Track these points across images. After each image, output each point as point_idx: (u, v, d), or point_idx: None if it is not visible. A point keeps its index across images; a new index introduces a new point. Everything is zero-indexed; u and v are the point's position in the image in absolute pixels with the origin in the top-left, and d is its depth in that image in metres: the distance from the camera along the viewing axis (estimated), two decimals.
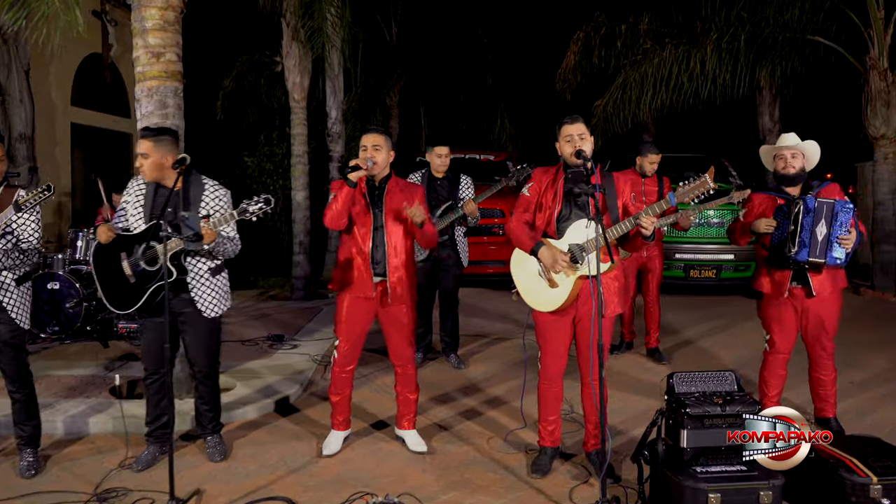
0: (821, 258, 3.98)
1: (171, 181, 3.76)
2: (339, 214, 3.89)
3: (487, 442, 4.27)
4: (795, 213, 4.04)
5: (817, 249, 3.98)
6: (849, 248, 3.98)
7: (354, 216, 3.97)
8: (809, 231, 3.99)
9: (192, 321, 3.92)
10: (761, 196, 4.37)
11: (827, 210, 3.97)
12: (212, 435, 4.13)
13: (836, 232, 3.95)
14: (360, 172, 3.83)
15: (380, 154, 3.94)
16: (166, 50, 4.78)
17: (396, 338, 4.11)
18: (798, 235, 4.00)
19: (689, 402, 3.30)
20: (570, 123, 3.67)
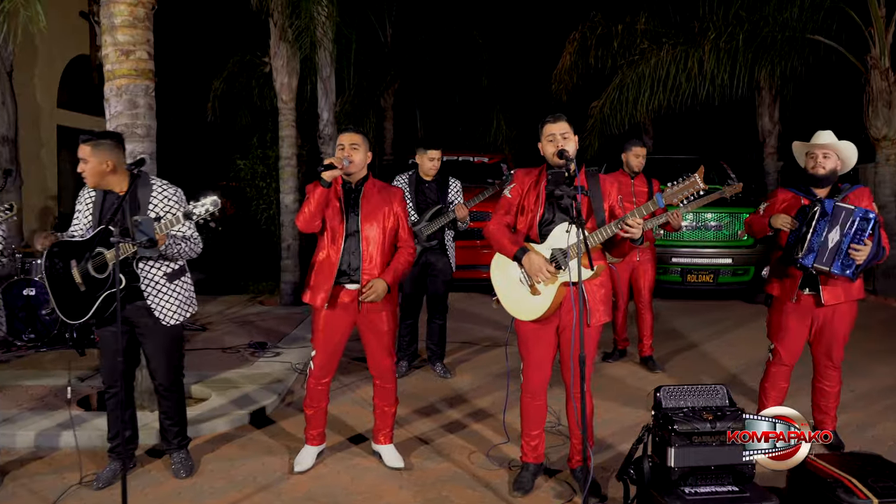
0: (826, 266, 3.76)
1: (118, 186, 3.63)
2: (312, 216, 3.69)
3: (469, 457, 4.07)
4: (811, 215, 3.82)
5: (825, 256, 3.76)
6: (860, 260, 3.73)
7: (328, 220, 3.76)
8: (821, 236, 3.77)
9: (151, 331, 3.73)
10: (787, 193, 4.13)
11: (845, 216, 3.74)
12: (177, 450, 3.93)
13: (848, 241, 3.71)
14: (335, 172, 3.63)
15: (357, 154, 3.74)
16: (136, 47, 4.60)
17: (375, 348, 3.89)
18: (808, 239, 3.79)
19: (676, 418, 3.10)
20: (553, 122, 3.48)
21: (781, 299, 4.08)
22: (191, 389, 5.21)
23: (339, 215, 3.76)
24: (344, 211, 3.77)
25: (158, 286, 3.70)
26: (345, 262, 3.75)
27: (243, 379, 5.41)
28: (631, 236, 3.22)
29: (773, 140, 12.21)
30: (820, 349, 4.11)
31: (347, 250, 3.75)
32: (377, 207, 3.80)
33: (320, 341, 3.84)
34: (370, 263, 3.76)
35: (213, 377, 5.44)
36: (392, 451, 3.99)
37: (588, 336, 3.46)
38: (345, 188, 3.82)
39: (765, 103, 12.16)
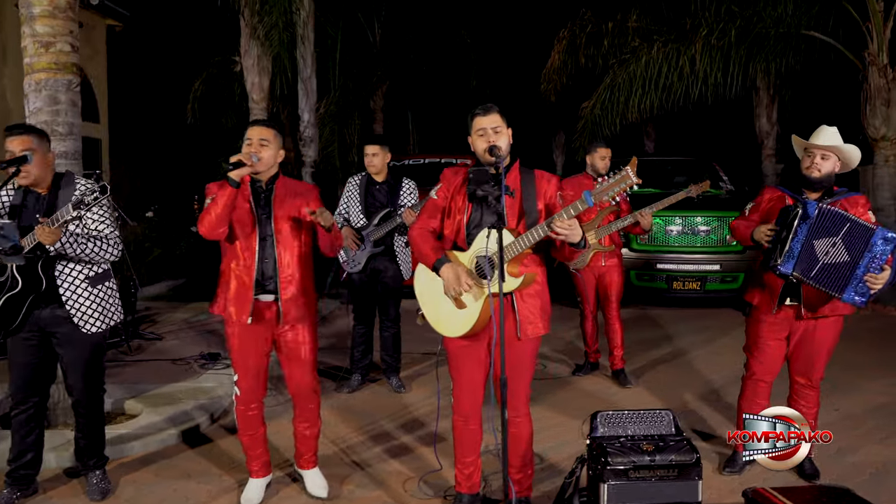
0: (804, 277, 3.37)
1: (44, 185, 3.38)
2: (219, 221, 3.26)
3: (404, 485, 3.71)
4: (791, 217, 3.41)
5: (812, 270, 3.35)
6: (876, 288, 3.31)
7: (236, 224, 3.36)
8: (802, 242, 3.37)
9: (69, 339, 3.43)
10: (774, 191, 3.76)
11: (852, 232, 3.29)
12: (93, 472, 3.61)
13: (865, 266, 3.26)
14: (243, 170, 3.23)
15: (266, 150, 3.34)
16: (57, 39, 4.28)
17: (294, 366, 3.49)
18: (788, 243, 3.39)
19: (612, 448, 2.74)
20: (483, 115, 3.15)
21: (760, 309, 3.71)
22: (124, 405, 4.90)
23: (251, 218, 3.37)
24: (254, 213, 3.38)
25: (79, 291, 3.40)
26: (259, 270, 3.37)
27: (184, 393, 5.07)
28: (565, 239, 2.86)
29: (772, 142, 11.81)
30: (798, 367, 3.74)
31: (262, 257, 3.37)
32: (292, 208, 3.41)
33: (239, 364, 3.46)
34: (287, 271, 3.39)
35: (152, 391, 5.11)
36: (316, 476, 3.63)
37: (521, 351, 3.11)
38: (254, 187, 3.43)
39: (762, 104, 11.79)
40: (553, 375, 5.73)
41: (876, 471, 3.87)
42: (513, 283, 2.96)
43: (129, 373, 5.69)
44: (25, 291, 3.27)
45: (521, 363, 3.14)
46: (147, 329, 7.38)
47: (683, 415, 4.76)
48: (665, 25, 10.66)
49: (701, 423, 4.60)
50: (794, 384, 3.80)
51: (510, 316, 3.08)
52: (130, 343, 6.55)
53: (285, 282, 3.39)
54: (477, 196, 2.93)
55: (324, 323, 7.73)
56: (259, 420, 3.55)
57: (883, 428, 4.49)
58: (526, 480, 3.28)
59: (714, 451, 4.12)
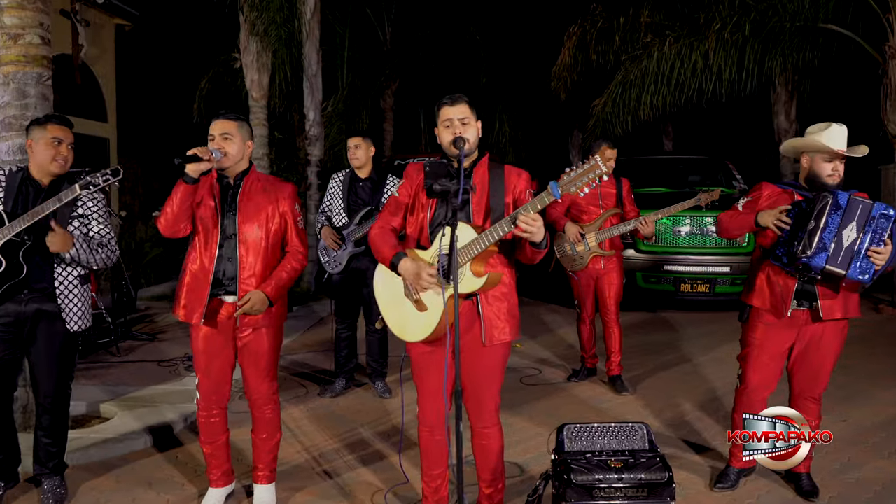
0: (842, 269, 3.13)
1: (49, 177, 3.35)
2: (175, 218, 3.14)
3: (372, 498, 3.51)
4: (821, 207, 3.14)
5: (839, 257, 3.12)
6: (880, 264, 3.13)
7: (201, 220, 3.22)
8: (834, 233, 3.12)
9: (48, 335, 3.33)
10: (773, 188, 3.47)
11: (862, 211, 3.12)
12: (51, 476, 3.47)
13: (868, 241, 3.10)
14: (201, 165, 3.06)
15: (230, 144, 3.20)
16: (26, 31, 4.14)
17: (251, 370, 3.32)
18: (818, 235, 3.11)
19: (576, 465, 2.52)
20: (450, 105, 2.96)
21: (766, 312, 3.43)
22: (99, 408, 4.76)
23: (214, 216, 3.22)
24: (219, 211, 3.23)
25: (71, 288, 3.35)
26: (220, 270, 3.22)
27: (161, 396, 4.94)
28: (528, 237, 2.64)
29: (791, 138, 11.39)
30: (801, 378, 3.48)
31: (223, 256, 3.22)
32: (259, 207, 3.25)
33: (201, 365, 3.31)
34: (249, 272, 3.22)
35: (131, 393, 4.98)
36: (266, 493, 3.43)
37: (488, 358, 2.90)
38: (222, 184, 3.28)
39: (780, 100, 11.41)
40: (545, 381, 5.50)
41: (882, 488, 3.59)
42: (476, 282, 2.75)
43: (112, 374, 5.57)
44: (6, 275, 3.17)
45: (489, 371, 2.93)
46: (141, 330, 7.28)
47: (678, 425, 4.53)
48: (678, 20, 10.34)
49: (695, 435, 4.35)
50: (795, 397, 3.54)
51: (475, 320, 2.87)
52: (120, 344, 6.45)
53: (245, 284, 3.22)
54: (434, 190, 2.72)
55: (320, 325, 7.58)
56: (221, 427, 3.38)
57: (892, 442, 4.20)
58: (497, 495, 3.06)
59: (708, 465, 3.88)
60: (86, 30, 10.97)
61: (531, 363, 6.03)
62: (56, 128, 3.32)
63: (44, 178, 3.33)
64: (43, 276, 3.27)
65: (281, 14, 8.08)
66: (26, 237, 3.19)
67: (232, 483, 3.49)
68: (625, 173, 9.23)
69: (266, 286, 3.21)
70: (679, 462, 3.91)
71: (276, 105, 11.00)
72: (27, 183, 3.32)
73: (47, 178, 3.33)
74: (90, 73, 11.51)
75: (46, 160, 3.27)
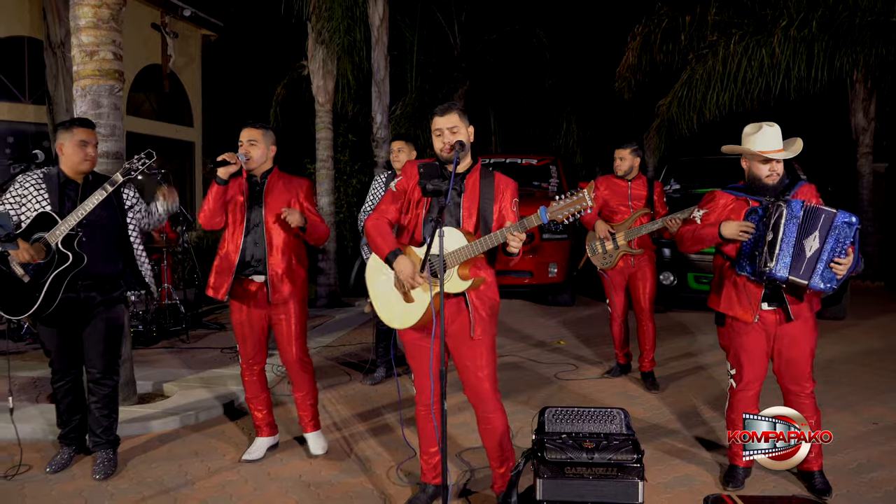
0: (804, 279, 3.21)
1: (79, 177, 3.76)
2: (212, 213, 3.73)
3: (387, 472, 3.79)
4: (777, 218, 3.24)
5: (801, 268, 3.20)
6: (841, 273, 3.19)
7: (230, 214, 3.78)
8: (793, 242, 3.21)
9: (104, 316, 3.77)
10: (727, 196, 3.56)
11: (825, 221, 3.18)
12: (104, 448, 3.86)
13: (830, 252, 3.17)
14: (230, 167, 3.65)
15: (255, 149, 3.76)
16: (100, 48, 4.66)
17: (284, 337, 3.89)
18: (778, 246, 3.21)
19: (550, 444, 2.71)
20: (440, 115, 3.19)
21: (737, 318, 3.50)
22: (162, 387, 5.26)
23: (242, 209, 3.76)
24: (247, 204, 3.76)
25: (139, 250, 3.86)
26: (248, 253, 3.75)
27: (218, 379, 5.39)
28: (510, 250, 2.90)
29: (868, 138, 10.97)
30: (787, 375, 3.53)
31: (252, 242, 3.75)
32: (282, 199, 3.79)
33: (238, 334, 3.92)
34: (275, 254, 3.76)
35: (192, 375, 5.46)
36: (316, 438, 4.05)
37: (477, 349, 3.13)
38: (250, 182, 3.81)
39: (858, 97, 10.98)
40: (580, 377, 5.64)
41: (894, 489, 3.57)
42: (462, 284, 2.99)
43: (179, 358, 6.10)
44: (73, 266, 3.57)
45: (479, 359, 3.15)
46: (213, 320, 7.86)
47: (692, 422, 4.58)
48: (745, 17, 10.16)
49: (710, 433, 4.39)
50: (787, 394, 3.58)
51: (464, 316, 3.11)
52: (191, 332, 7.01)
53: (274, 265, 3.73)
54: (428, 190, 2.97)
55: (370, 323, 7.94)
56: (261, 386, 3.99)
57: None
58: (507, 475, 3.27)
59: (716, 461, 3.94)
60: (174, 41, 11.82)
61: (569, 359, 6.18)
62: (82, 131, 3.70)
63: (77, 177, 3.73)
64: (96, 265, 3.67)
65: (345, 23, 8.50)
66: (79, 230, 3.60)
67: (276, 435, 4.08)
68: (683, 173, 9.22)
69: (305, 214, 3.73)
70: (689, 457, 4.01)
71: (348, 109, 11.47)
72: (66, 184, 3.72)
73: (79, 177, 3.73)
74: (178, 82, 12.38)
75: (77, 161, 3.67)
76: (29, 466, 3.88)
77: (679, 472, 3.80)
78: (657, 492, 3.50)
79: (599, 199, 5.30)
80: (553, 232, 8.50)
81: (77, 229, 3.61)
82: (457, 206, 3.10)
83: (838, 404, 4.77)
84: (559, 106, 13.68)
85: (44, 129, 9.84)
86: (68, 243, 3.59)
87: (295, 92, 12.21)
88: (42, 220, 3.59)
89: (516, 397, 5.01)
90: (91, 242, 3.65)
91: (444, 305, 2.92)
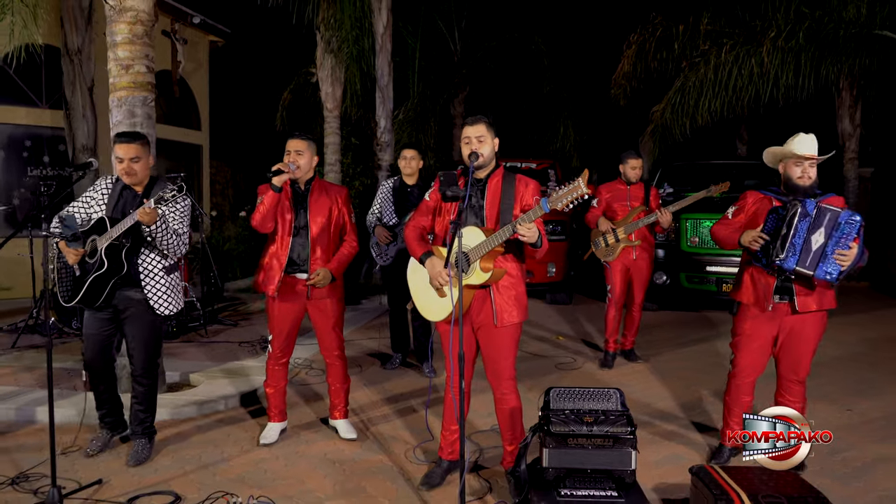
0: (810, 270, 3.59)
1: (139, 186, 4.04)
2: (267, 218, 4.08)
3: (405, 453, 4.18)
4: (791, 215, 3.62)
5: (808, 259, 3.59)
6: (845, 265, 3.56)
7: (279, 217, 4.16)
8: (803, 237, 3.59)
9: (138, 317, 4.04)
10: (757, 194, 3.96)
11: (830, 218, 3.56)
12: (140, 437, 4.16)
13: (834, 245, 3.54)
14: (283, 176, 4.01)
15: (302, 158, 4.13)
16: (135, 62, 5.02)
17: (323, 329, 4.29)
18: (790, 240, 3.59)
19: (555, 419, 3.09)
20: (471, 125, 3.55)
21: (751, 307, 3.90)
22: (189, 377, 5.63)
23: (289, 213, 4.16)
24: (293, 209, 4.16)
25: (157, 278, 4.03)
26: (294, 253, 4.15)
27: (239, 370, 5.76)
28: (525, 240, 3.25)
29: (854, 144, 11.41)
30: (786, 363, 3.91)
31: (297, 244, 4.15)
32: (323, 205, 4.20)
33: (276, 327, 4.26)
34: (317, 254, 4.16)
35: (215, 367, 5.83)
36: (346, 424, 4.42)
37: (500, 336, 3.51)
38: (294, 189, 4.19)
39: (844, 105, 11.42)
40: (578, 368, 6.04)
41: (862, 465, 3.97)
42: (483, 276, 3.37)
43: (200, 352, 6.46)
44: (110, 273, 3.88)
45: (502, 346, 3.54)
46: (227, 317, 8.22)
47: (691, 408, 4.97)
48: (736, 27, 10.57)
49: (704, 416, 4.80)
50: (781, 380, 3.97)
51: (488, 305, 3.49)
52: (208, 328, 7.38)
53: (315, 264, 4.15)
54: (447, 196, 3.36)
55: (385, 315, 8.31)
56: (282, 375, 4.37)
57: (888, 430, 4.53)
58: (516, 452, 3.64)
59: (707, 443, 4.33)
60: (184, 47, 12.17)
61: (568, 353, 6.57)
62: (117, 147, 3.97)
63: (134, 186, 4.02)
64: (135, 271, 3.98)
65: (353, 33, 8.88)
66: (124, 240, 3.89)
67: (285, 421, 4.46)
68: (676, 177, 9.61)
69: (331, 265, 4.17)
70: (682, 439, 4.41)
71: (351, 113, 11.84)
72: (125, 190, 4.03)
73: (137, 186, 4.02)
74: (186, 86, 12.73)
75: (118, 174, 3.99)
76: (78, 447, 4.22)
77: (670, 451, 4.20)
78: (648, 468, 3.89)
79: (603, 203, 5.89)
80: (552, 234, 8.90)
81: (122, 239, 3.86)
82: (481, 208, 3.47)
83: (817, 393, 5.14)
84: (557, 111, 14.10)
85: (59, 133, 10.18)
86: (112, 251, 3.87)
87: (301, 97, 12.58)
88: (100, 225, 3.90)
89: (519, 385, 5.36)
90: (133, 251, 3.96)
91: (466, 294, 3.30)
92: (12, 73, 9.90)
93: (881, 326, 7.85)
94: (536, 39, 13.47)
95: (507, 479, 3.65)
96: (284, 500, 3.50)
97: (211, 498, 3.49)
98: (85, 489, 3.65)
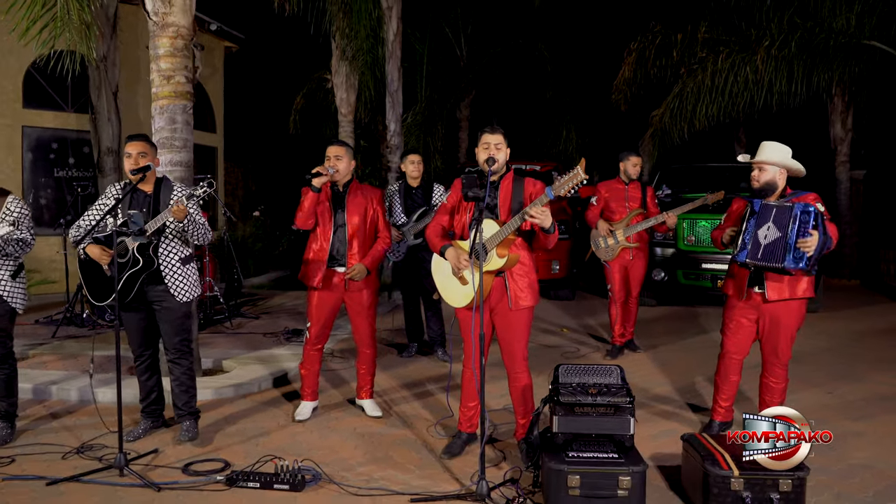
0: (763, 261, 4.03)
1: (148, 185, 4.34)
2: (307, 216, 4.57)
3: (427, 429, 4.63)
4: (743, 214, 4.16)
5: (758, 253, 4.05)
6: (810, 251, 3.95)
7: (320, 216, 4.63)
8: (751, 233, 4.07)
9: (167, 307, 4.36)
10: (740, 200, 4.43)
11: (777, 213, 4.01)
12: (186, 418, 4.47)
13: (794, 235, 3.96)
14: (322, 179, 4.48)
15: (341, 163, 4.59)
16: (175, 73, 5.47)
17: (358, 320, 4.77)
18: (741, 236, 4.12)
19: (563, 391, 3.54)
20: (490, 133, 3.99)
21: (733, 297, 4.37)
22: (222, 364, 6.09)
23: (329, 213, 4.63)
24: (332, 209, 4.63)
25: (175, 268, 4.34)
26: (334, 249, 4.63)
27: (268, 357, 6.22)
28: (540, 224, 3.65)
29: (846, 148, 11.86)
30: (767, 347, 4.36)
31: (337, 240, 4.63)
32: (360, 205, 4.67)
33: (314, 315, 4.73)
34: (354, 250, 4.64)
35: (245, 355, 6.29)
36: (372, 403, 4.91)
37: (515, 319, 3.97)
38: (333, 190, 4.67)
39: (836, 110, 11.86)
40: (583, 356, 6.50)
41: (836, 438, 4.36)
42: (499, 262, 3.82)
43: (229, 342, 6.92)
44: (143, 269, 4.22)
45: (516, 328, 3.99)
46: (248, 311, 8.68)
47: (686, 391, 5.43)
48: (732, 35, 11.03)
49: (698, 398, 5.25)
50: (765, 363, 4.42)
51: (504, 291, 3.95)
52: (232, 321, 7.84)
53: (352, 258, 4.63)
54: (469, 196, 3.81)
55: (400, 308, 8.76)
56: (317, 359, 4.84)
57: (865, 409, 4.98)
58: (527, 424, 4.09)
59: (700, 420, 4.78)
60: (201, 53, 12.62)
61: (573, 343, 7.04)
62: (126, 146, 4.27)
63: (143, 187, 4.28)
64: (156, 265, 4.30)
65: (368, 42, 9.34)
66: (153, 238, 4.22)
67: (316, 401, 4.93)
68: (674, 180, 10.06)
69: (366, 260, 4.65)
70: (678, 417, 4.86)
71: (362, 117, 12.30)
72: (135, 192, 4.28)
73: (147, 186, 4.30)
74: (202, 90, 13.19)
75: (127, 169, 4.24)
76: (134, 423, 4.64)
77: (666, 427, 4.65)
78: (646, 441, 4.32)
79: (601, 200, 6.30)
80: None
81: (152, 237, 4.19)
82: (495, 206, 3.93)
83: (803, 379, 5.61)
84: (559, 115, 14.56)
85: (84, 137, 10.61)
86: (143, 249, 4.19)
87: (313, 101, 13.03)
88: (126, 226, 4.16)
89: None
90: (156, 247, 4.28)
91: (486, 280, 3.76)
92: (40, 79, 10.38)
93: (868, 320, 8.30)
94: (540, 46, 13.94)
95: (519, 449, 4.11)
96: (323, 465, 3.95)
97: (260, 462, 3.93)
98: (144, 456, 4.10)
